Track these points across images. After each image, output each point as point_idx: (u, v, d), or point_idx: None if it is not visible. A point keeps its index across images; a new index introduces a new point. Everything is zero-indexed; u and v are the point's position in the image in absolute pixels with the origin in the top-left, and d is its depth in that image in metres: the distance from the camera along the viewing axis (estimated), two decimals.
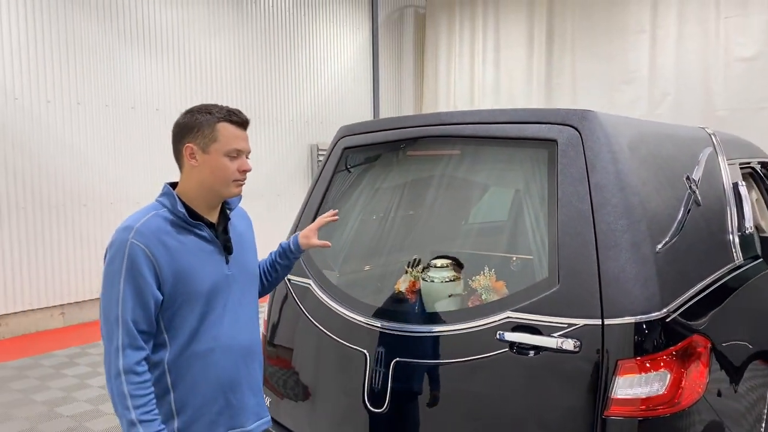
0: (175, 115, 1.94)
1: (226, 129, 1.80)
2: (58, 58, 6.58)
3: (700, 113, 8.40)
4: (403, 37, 11.51)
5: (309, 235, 2.17)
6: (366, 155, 2.84)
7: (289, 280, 2.75)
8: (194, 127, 1.80)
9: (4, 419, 4.28)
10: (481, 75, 10.83)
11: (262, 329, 2.88)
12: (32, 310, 6.48)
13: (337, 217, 2.25)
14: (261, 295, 2.21)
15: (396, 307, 2.48)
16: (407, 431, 2.22)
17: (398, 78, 11.45)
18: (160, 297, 1.74)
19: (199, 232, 1.83)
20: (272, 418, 2.72)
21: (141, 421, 1.66)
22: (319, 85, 9.81)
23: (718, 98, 8.36)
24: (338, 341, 2.44)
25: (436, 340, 2.18)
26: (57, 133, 6.61)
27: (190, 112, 1.84)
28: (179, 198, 1.83)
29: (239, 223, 2.03)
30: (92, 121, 6.90)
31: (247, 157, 1.88)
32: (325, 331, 2.50)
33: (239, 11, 8.51)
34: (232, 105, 1.90)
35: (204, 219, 1.85)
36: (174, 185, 1.89)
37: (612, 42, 9.32)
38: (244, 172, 1.84)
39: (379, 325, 2.33)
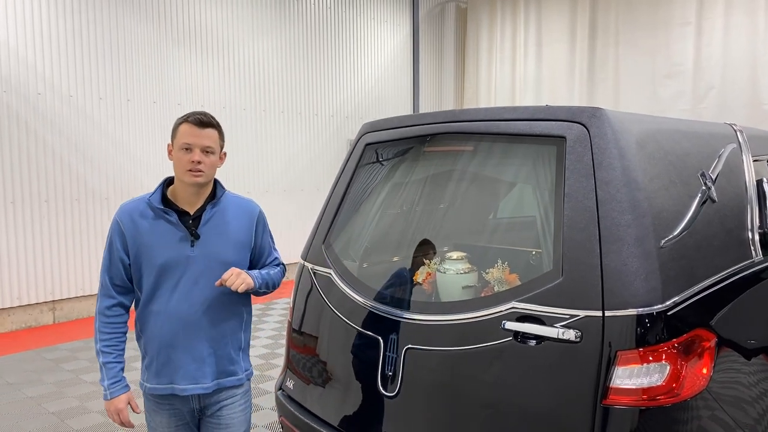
0: (219, 111, 2.18)
1: (183, 128, 2.18)
2: (110, 58, 6.91)
3: (745, 107, 8.18)
4: (443, 32, 11.51)
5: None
6: (387, 151, 2.94)
7: (313, 270, 2.88)
8: (172, 131, 2.23)
9: (57, 397, 4.59)
10: (522, 70, 10.75)
11: (288, 317, 3.03)
12: (84, 296, 6.86)
13: None
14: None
15: (409, 297, 2.59)
16: (416, 414, 2.33)
17: (439, 73, 11.46)
18: (127, 260, 2.22)
19: (168, 217, 2.20)
20: (297, 401, 2.86)
21: (102, 352, 2.20)
22: (359, 81, 9.94)
23: (765, 91, 8.12)
24: (356, 328, 2.57)
25: (444, 328, 2.27)
26: (108, 128, 6.96)
27: None
28: (163, 189, 2.24)
29: (231, 215, 2.29)
30: (141, 116, 7.22)
31: (207, 153, 2.15)
32: (343, 318, 2.63)
33: (282, 10, 8.72)
34: (274, 100, 2.11)
35: (174, 206, 2.18)
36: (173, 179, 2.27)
37: (656, 35, 9.14)
38: (192, 162, 2.13)
39: (392, 314, 2.44)
